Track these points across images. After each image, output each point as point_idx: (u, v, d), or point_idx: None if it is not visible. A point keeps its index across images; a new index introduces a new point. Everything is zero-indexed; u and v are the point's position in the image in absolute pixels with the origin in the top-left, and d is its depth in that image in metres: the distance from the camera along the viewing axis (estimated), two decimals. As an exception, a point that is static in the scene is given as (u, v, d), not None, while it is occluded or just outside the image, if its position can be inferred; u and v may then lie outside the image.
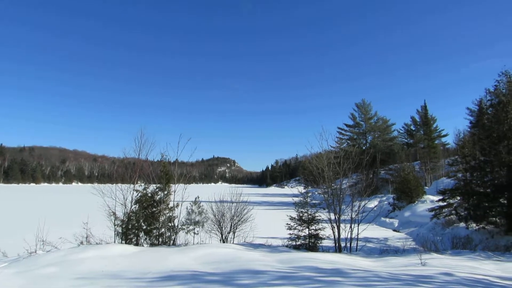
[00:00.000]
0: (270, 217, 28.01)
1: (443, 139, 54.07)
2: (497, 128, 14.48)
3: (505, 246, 12.80)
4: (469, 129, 29.56)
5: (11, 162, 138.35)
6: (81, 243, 10.69)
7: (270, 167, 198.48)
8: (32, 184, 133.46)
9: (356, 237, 12.57)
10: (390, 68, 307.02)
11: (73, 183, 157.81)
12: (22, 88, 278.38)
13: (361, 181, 14.19)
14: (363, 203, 13.37)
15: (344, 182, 13.62)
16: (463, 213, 16.04)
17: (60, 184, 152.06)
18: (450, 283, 6.65)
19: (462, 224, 16.51)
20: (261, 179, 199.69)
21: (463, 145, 18.67)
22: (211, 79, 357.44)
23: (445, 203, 18.01)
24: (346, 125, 55.17)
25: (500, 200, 14.34)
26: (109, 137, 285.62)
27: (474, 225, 15.41)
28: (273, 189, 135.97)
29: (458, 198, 16.87)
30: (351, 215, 12.72)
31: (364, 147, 49.36)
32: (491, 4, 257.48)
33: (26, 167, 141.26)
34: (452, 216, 17.69)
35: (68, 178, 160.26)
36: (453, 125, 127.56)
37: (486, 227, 14.84)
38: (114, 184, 11.44)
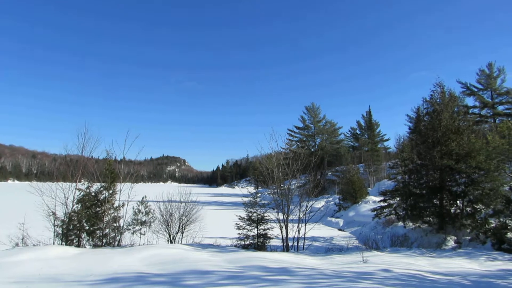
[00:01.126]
0: (220, 217, 27.94)
1: (386, 143, 57.33)
2: (432, 134, 15.59)
3: (436, 243, 13.84)
4: (408, 135, 31.45)
5: None
6: (17, 244, 9.99)
7: (221, 167, 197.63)
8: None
9: (303, 236, 12.92)
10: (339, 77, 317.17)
11: (9, 181, 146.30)
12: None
13: (309, 182, 14.61)
14: (310, 203, 13.77)
15: (292, 182, 13.95)
16: (401, 213, 17.08)
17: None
18: (388, 279, 7.06)
19: (401, 223, 17.58)
20: (212, 179, 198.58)
21: (403, 149, 19.92)
22: (163, 76, 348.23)
23: (385, 204, 19.08)
24: (296, 127, 56.47)
25: (434, 201, 15.46)
26: (50, 131, 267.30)
27: (411, 224, 16.46)
28: (223, 189, 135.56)
29: (398, 199, 17.94)
30: (299, 215, 13.05)
31: (312, 149, 50.80)
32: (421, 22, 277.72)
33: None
34: (392, 215, 18.77)
35: (3, 175, 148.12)
36: (395, 130, 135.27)
37: (421, 226, 15.91)
38: (55, 183, 10.78)
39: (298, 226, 12.88)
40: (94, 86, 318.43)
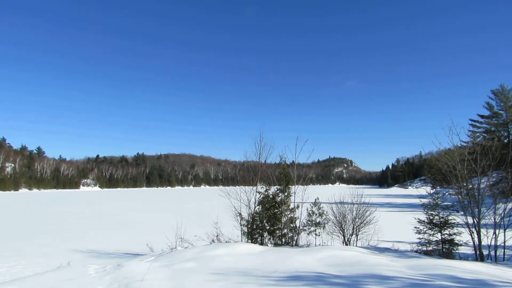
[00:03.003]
0: (395, 220, 26.40)
1: None
2: None
3: None
4: None
5: (151, 169, 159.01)
6: (213, 241, 11.66)
7: (390, 166, 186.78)
8: (168, 188, 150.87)
9: (503, 244, 10.91)
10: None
11: (202, 186, 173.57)
12: (163, 102, 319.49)
13: (505, 179, 12.26)
14: (510, 205, 11.55)
15: (482, 181, 11.99)
16: None
17: (191, 187, 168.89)
18: None
19: None
20: (381, 179, 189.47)
21: None
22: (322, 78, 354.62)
23: None
24: (481, 116, 48.55)
25: None
26: (231, 142, 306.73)
27: None
28: (395, 190, 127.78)
29: None
30: (495, 219, 11.10)
31: (506, 140, 42.71)
32: None
33: (163, 172, 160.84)
34: None
35: (197, 181, 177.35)
36: None
37: None
38: (237, 187, 12.22)
39: (494, 232, 10.96)
40: (268, 98, 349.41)
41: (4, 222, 26.28)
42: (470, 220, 11.20)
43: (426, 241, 11.40)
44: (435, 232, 11.34)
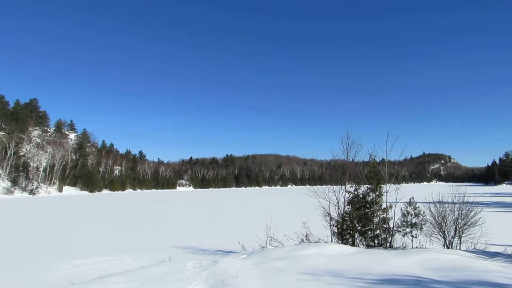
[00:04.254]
0: (506, 221, 23.59)
1: None
2: None
3: None
4: None
5: (239, 169, 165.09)
6: (302, 240, 11.64)
7: (497, 161, 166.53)
8: (256, 188, 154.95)
9: None
10: None
11: (288, 186, 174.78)
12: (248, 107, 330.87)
13: None
14: None
15: None
16: None
17: (278, 186, 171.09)
18: None
19: None
20: (487, 176, 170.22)
21: None
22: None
23: None
24: None
25: None
26: (317, 141, 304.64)
27: None
28: (504, 188, 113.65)
29: None
30: None
31: None
32: None
33: (250, 173, 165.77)
34: None
35: (284, 181, 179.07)
36: None
37: None
38: (325, 186, 12.00)
39: None
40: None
41: (115, 218, 29.60)
42: None
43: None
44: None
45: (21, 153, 76.51)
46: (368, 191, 11.39)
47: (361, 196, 11.44)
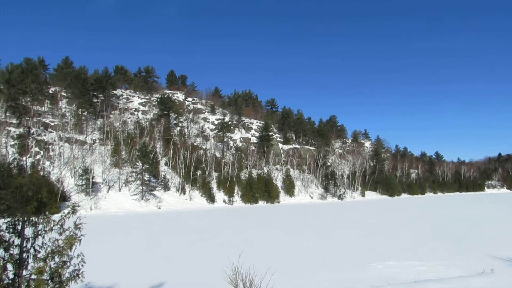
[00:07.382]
0: None
1: None
2: None
3: None
4: None
5: None
6: None
7: None
8: None
9: None
10: None
11: None
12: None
13: None
14: None
15: None
16: None
17: None
18: None
19: None
20: None
21: None
22: None
23: None
24: None
25: None
26: None
27: None
28: None
29: None
30: None
31: None
32: None
33: None
34: None
35: None
36: None
37: None
38: None
39: None
40: None
41: (420, 223, 29.30)
42: None
43: None
44: None
45: (328, 164, 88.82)
46: None
47: None
